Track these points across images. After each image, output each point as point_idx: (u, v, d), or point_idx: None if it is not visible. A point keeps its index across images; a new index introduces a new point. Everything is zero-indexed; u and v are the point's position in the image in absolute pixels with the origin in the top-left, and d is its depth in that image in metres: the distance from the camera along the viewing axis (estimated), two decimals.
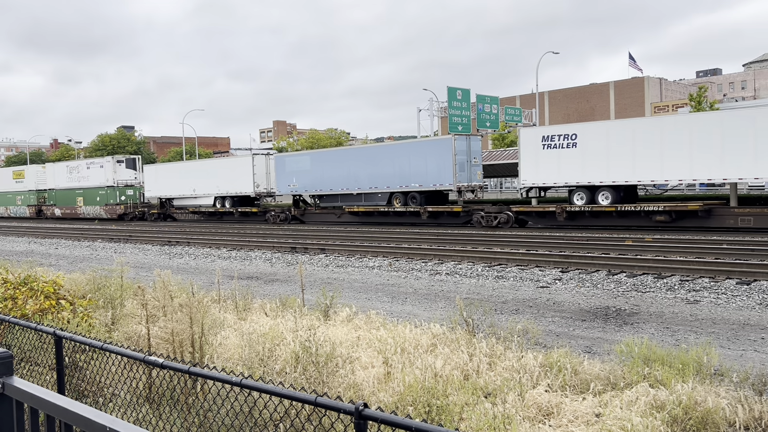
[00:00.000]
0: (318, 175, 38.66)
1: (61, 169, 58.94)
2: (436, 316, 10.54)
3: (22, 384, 2.65)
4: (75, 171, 56.84)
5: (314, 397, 2.80)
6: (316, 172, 38.84)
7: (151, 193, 51.03)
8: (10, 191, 65.57)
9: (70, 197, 57.00)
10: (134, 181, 53.64)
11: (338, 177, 37.47)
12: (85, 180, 55.36)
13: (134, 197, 53.03)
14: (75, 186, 56.44)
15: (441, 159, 32.88)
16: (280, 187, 41.36)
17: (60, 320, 8.00)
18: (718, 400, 5.68)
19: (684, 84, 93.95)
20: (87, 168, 55.27)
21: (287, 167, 40.86)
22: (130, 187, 53.45)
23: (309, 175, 39.34)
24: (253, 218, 44.31)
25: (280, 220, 40.70)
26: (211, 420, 4.85)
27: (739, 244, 19.19)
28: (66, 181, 57.55)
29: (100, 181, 53.64)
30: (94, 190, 54.23)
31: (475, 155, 33.77)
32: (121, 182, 53.13)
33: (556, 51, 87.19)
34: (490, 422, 5.33)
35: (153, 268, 18.35)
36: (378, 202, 35.85)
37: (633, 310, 11.38)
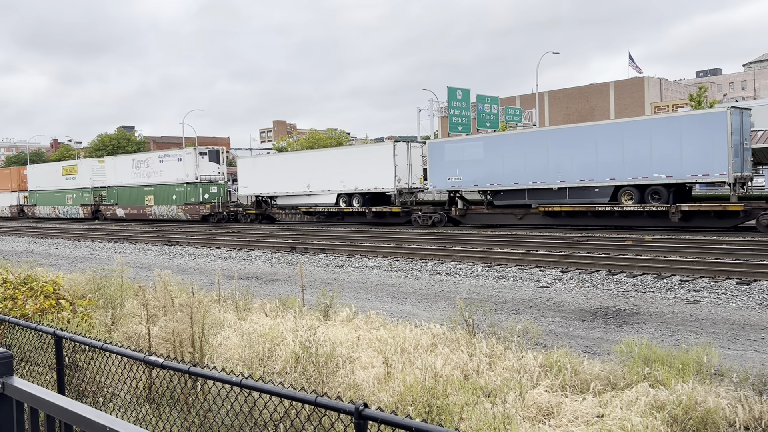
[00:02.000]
0: (495, 165, 30.53)
1: (125, 163, 50.66)
2: (436, 316, 10.54)
3: (22, 384, 2.65)
4: (143, 165, 48.52)
5: (314, 397, 2.80)
6: (492, 161, 30.68)
7: (246, 190, 42.85)
8: (59, 189, 57.41)
9: (136, 195, 48.89)
10: (218, 176, 45.48)
11: (528, 167, 29.32)
12: (156, 175, 47.06)
13: (218, 195, 44.79)
14: (143, 182, 48.19)
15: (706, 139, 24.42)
16: (436, 180, 33.21)
17: (60, 320, 8.00)
18: (718, 400, 5.68)
19: (684, 84, 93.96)
20: (159, 161, 47.02)
21: (447, 156, 32.65)
22: (214, 183, 45.01)
23: (480, 166, 31.12)
24: (391, 219, 36.24)
25: (433, 222, 32.93)
26: (211, 420, 4.85)
27: (739, 244, 19.18)
28: (131, 176, 49.32)
29: (177, 177, 45.31)
30: (168, 187, 46.00)
31: (746, 136, 25.49)
32: (204, 178, 44.63)
33: (556, 51, 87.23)
34: (490, 422, 5.33)
35: (153, 268, 18.36)
36: (594, 199, 27.70)
37: (633, 310, 11.37)
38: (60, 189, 57.15)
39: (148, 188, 47.87)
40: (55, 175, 57.94)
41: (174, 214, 45.77)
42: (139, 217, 48.64)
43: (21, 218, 61.99)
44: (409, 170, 35.36)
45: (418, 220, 33.67)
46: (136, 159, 49.77)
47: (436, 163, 33.21)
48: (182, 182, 44.95)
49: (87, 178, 53.81)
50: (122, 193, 50.38)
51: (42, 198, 59.48)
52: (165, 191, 46.46)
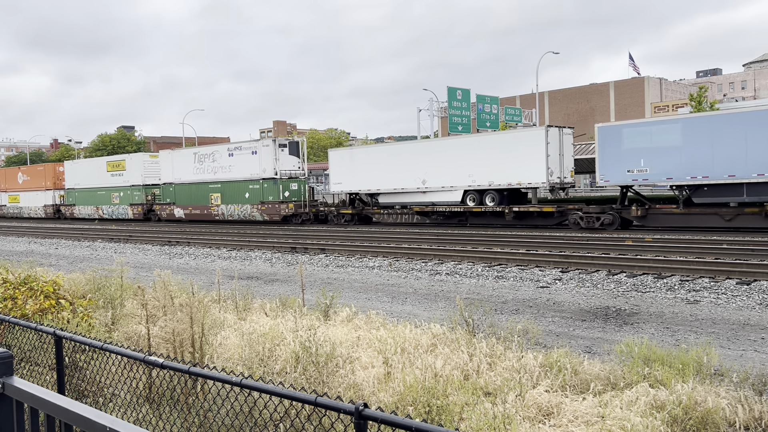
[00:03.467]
0: (699, 153, 24.52)
1: (185, 157, 44.57)
2: (436, 316, 10.54)
3: (22, 384, 2.65)
4: (208, 159, 42.65)
5: (314, 397, 2.80)
6: (695, 147, 24.61)
7: (340, 187, 37.42)
8: (103, 187, 51.44)
9: (198, 193, 42.99)
10: (298, 171, 39.69)
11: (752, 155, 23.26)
12: (224, 171, 41.40)
13: (299, 192, 39.16)
14: (208, 179, 42.41)
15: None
16: (609, 172, 27.06)
17: (60, 320, 8.00)
18: (718, 400, 5.68)
19: (684, 84, 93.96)
20: (229, 155, 41.21)
21: (626, 142, 26.51)
22: (294, 179, 39.19)
23: (677, 154, 25.08)
24: (538, 221, 29.97)
25: (602, 224, 26.96)
26: (211, 420, 4.85)
27: (739, 244, 19.18)
28: (192, 172, 43.50)
29: (251, 172, 39.50)
30: (240, 183, 40.18)
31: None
32: (284, 173, 38.70)
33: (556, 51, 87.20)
34: (490, 422, 5.33)
35: (153, 268, 18.36)
36: None
37: (633, 310, 11.37)
38: (104, 187, 51.21)
39: (213, 185, 41.99)
40: (98, 171, 52.05)
41: (247, 214, 39.98)
42: (202, 217, 42.90)
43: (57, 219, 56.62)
44: (561, 161, 29.22)
45: (579, 221, 27.67)
46: (199, 153, 43.80)
47: (609, 151, 26.87)
48: (257, 178, 39.14)
49: (137, 175, 48.12)
50: (181, 190, 44.47)
51: (82, 197, 53.93)
52: (235, 189, 40.55)
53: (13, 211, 63.95)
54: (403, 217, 36.64)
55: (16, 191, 63.13)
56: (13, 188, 63.69)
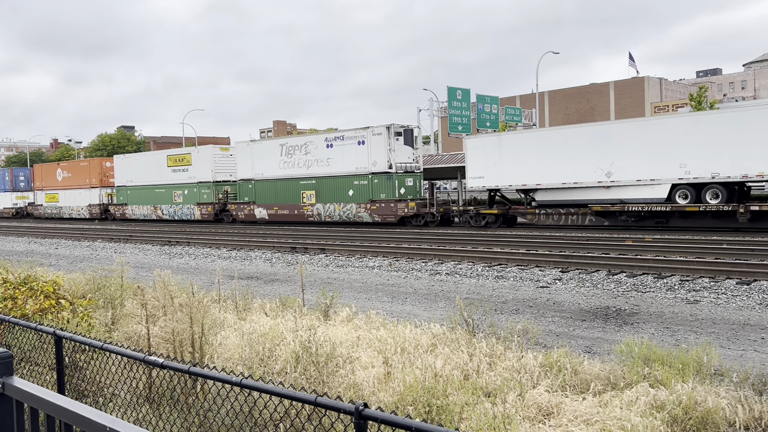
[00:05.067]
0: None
1: (269, 150, 39.20)
2: (436, 316, 10.54)
3: (22, 384, 2.65)
4: (298, 151, 37.42)
5: (314, 397, 2.80)
6: None
7: (482, 182, 31.18)
8: (162, 184, 46.34)
9: (286, 191, 37.84)
10: (413, 164, 34.42)
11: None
12: (321, 164, 36.09)
13: (415, 189, 34.03)
14: (299, 174, 37.22)
15: None
16: None
17: (60, 320, 8.00)
18: (718, 400, 5.68)
19: (684, 84, 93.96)
20: (327, 146, 35.80)
21: None
22: (410, 174, 33.91)
23: None
24: None
25: None
26: (211, 420, 4.85)
27: (739, 244, 19.18)
28: (278, 166, 38.24)
29: (357, 165, 34.26)
30: (342, 179, 34.97)
31: None
32: (400, 166, 33.31)
33: (556, 51, 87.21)
34: (490, 422, 5.33)
35: (153, 268, 18.36)
36: None
37: (633, 310, 11.37)
38: (164, 184, 46.07)
39: (306, 181, 36.79)
40: (156, 166, 46.88)
41: (351, 214, 34.61)
42: (291, 218, 37.68)
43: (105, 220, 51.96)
44: None
45: None
46: (287, 144, 38.39)
47: None
48: (366, 173, 33.80)
49: (206, 170, 43.05)
50: (263, 188, 39.11)
51: (136, 195, 48.95)
52: (335, 185, 35.28)
53: (51, 212, 58.72)
54: (569, 218, 29.18)
55: (55, 189, 58.09)
56: (51, 186, 58.58)
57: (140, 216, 48.84)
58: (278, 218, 38.58)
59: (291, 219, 37.89)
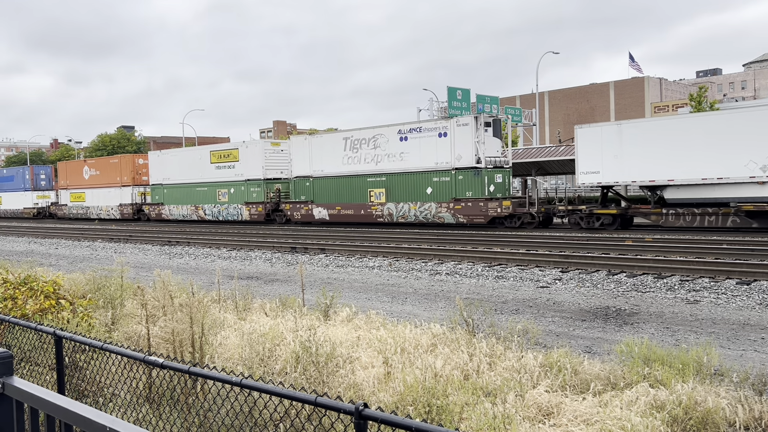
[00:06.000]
0: None
1: (329, 144, 36.04)
2: (436, 316, 10.54)
3: (22, 384, 2.65)
4: (365, 145, 34.00)
5: (314, 397, 2.80)
6: None
7: (597, 178, 27.14)
8: (205, 182, 42.89)
9: (351, 189, 34.69)
10: (502, 158, 31.07)
11: None
12: (392, 159, 32.79)
13: (504, 187, 30.57)
14: (366, 170, 33.96)
15: None
16: None
17: (60, 320, 8.00)
18: (718, 400, 5.69)
19: (684, 84, 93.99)
20: (400, 139, 32.40)
21: None
22: (499, 169, 30.54)
23: None
24: None
25: None
26: (211, 420, 4.85)
27: (739, 244, 19.18)
28: (342, 162, 35.12)
29: (438, 160, 31.01)
30: (419, 175, 31.73)
31: None
32: (489, 161, 30.01)
33: (556, 51, 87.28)
34: (490, 422, 5.33)
35: (153, 268, 18.36)
36: None
37: (633, 310, 11.37)
38: (206, 182, 42.60)
39: (375, 178, 33.48)
40: (198, 163, 43.36)
41: (430, 214, 31.42)
42: (357, 219, 34.46)
43: (137, 221, 48.46)
44: None
45: None
46: (352, 138, 34.86)
47: None
48: (448, 168, 30.56)
49: (255, 167, 39.63)
50: (323, 185, 36.01)
51: (174, 194, 45.31)
52: (410, 182, 32.14)
53: (77, 212, 54.82)
54: (705, 219, 25.01)
55: (81, 188, 54.27)
56: (77, 184, 54.75)
57: (178, 216, 45.15)
58: (341, 219, 35.38)
59: (356, 220, 34.69)
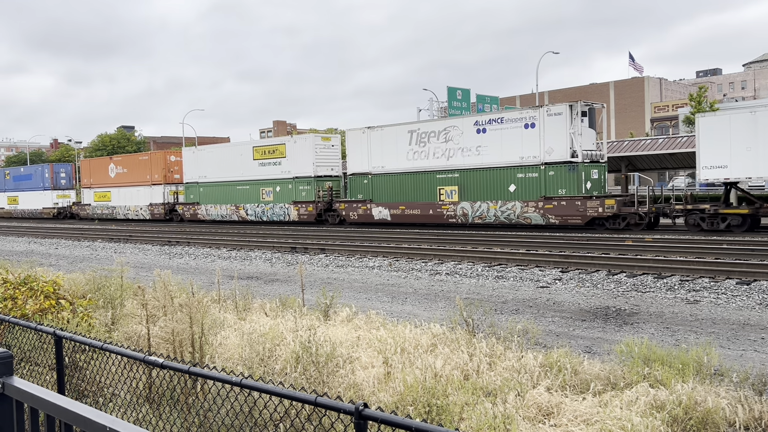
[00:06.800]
0: None
1: (392, 137, 32.86)
2: (436, 316, 10.54)
3: (22, 384, 2.65)
4: (436, 138, 31.07)
5: (314, 397, 2.80)
6: None
7: (725, 173, 23.43)
8: (247, 180, 40.11)
9: (417, 186, 31.87)
10: (597, 152, 27.90)
11: None
12: (467, 153, 29.82)
13: (600, 183, 27.83)
14: (436, 165, 31.09)
15: None
16: None
17: (60, 320, 8.00)
18: (718, 400, 5.69)
19: (684, 84, 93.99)
20: (478, 131, 29.37)
21: None
22: (595, 164, 27.59)
23: None
24: None
25: None
26: (211, 420, 4.85)
27: (739, 244, 19.18)
28: (406, 157, 32.20)
29: (523, 154, 27.94)
30: (500, 171, 28.82)
31: None
32: (585, 154, 26.99)
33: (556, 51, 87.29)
34: (490, 422, 5.33)
35: (153, 268, 18.36)
36: None
37: (633, 310, 11.38)
38: (249, 180, 39.83)
39: (446, 174, 30.72)
40: (238, 159, 40.56)
41: (514, 215, 28.34)
42: (426, 219, 31.70)
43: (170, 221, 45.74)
44: None
45: None
46: (419, 130, 31.87)
47: None
48: (536, 163, 27.63)
49: (305, 163, 36.70)
50: (384, 183, 33.20)
51: (212, 193, 42.49)
52: (489, 179, 29.22)
53: (102, 212, 51.74)
54: None
55: (106, 187, 51.34)
56: (102, 183, 51.78)
57: (216, 216, 42.24)
58: (405, 219, 32.50)
59: (423, 221, 31.95)
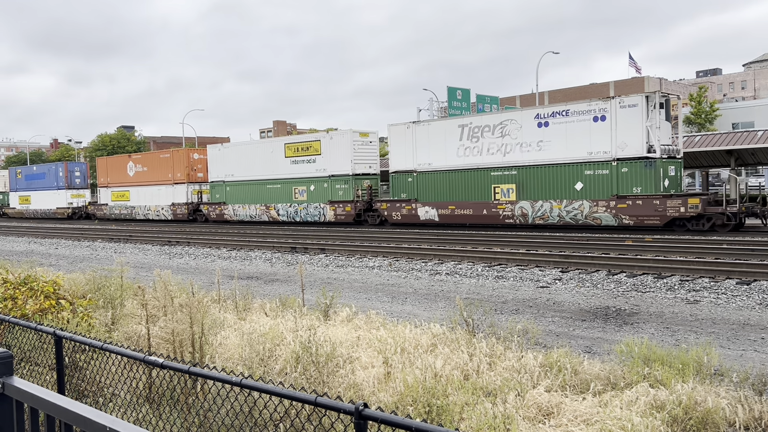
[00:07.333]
0: None
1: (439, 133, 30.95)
2: (436, 316, 10.54)
3: (22, 384, 2.65)
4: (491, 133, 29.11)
5: (314, 397, 2.80)
6: None
7: None
8: (278, 178, 38.21)
9: (468, 185, 29.82)
10: (673, 147, 25.91)
11: None
12: (527, 150, 27.89)
13: (676, 181, 25.81)
14: (490, 162, 29.08)
15: None
16: None
17: (60, 320, 8.00)
18: (718, 400, 5.68)
19: (684, 84, 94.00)
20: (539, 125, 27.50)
21: None
22: (672, 160, 25.66)
23: None
24: None
25: None
26: (211, 420, 4.85)
27: (739, 244, 19.18)
28: (456, 153, 30.17)
29: (592, 149, 25.99)
30: (563, 168, 26.83)
31: None
32: (663, 149, 24.96)
33: (556, 51, 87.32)
34: (490, 422, 5.33)
35: (153, 268, 18.36)
36: None
37: (633, 310, 11.37)
38: (280, 178, 37.93)
39: (501, 172, 28.82)
40: (268, 157, 38.61)
41: (582, 215, 26.33)
42: (479, 220, 29.69)
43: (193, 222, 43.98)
44: None
45: None
46: (470, 125, 29.80)
47: None
48: (607, 159, 25.58)
49: (342, 161, 34.83)
50: (430, 181, 31.28)
51: (239, 193, 40.74)
52: (552, 176, 27.22)
53: (121, 212, 49.95)
54: None
55: (125, 186, 49.68)
56: (120, 182, 50.07)
57: (245, 217, 40.51)
58: (455, 220, 30.67)
59: (476, 221, 30.02)
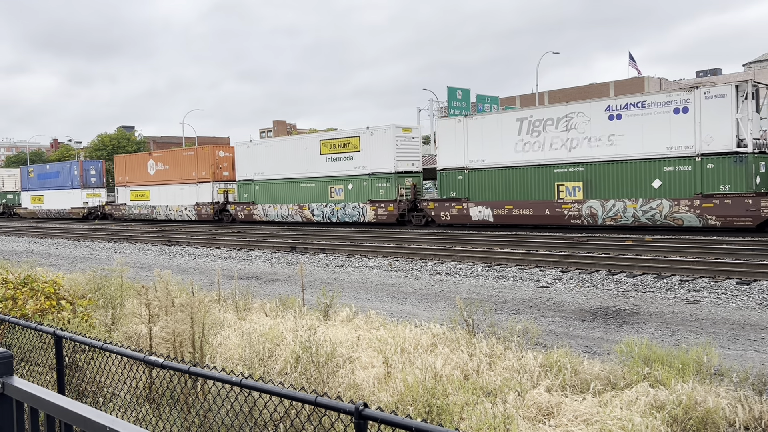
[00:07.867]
0: None
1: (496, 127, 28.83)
2: (436, 316, 10.54)
3: (22, 384, 2.65)
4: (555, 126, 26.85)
5: (314, 397, 2.80)
6: None
7: None
8: (314, 177, 36.20)
9: (528, 182, 27.76)
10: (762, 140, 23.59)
11: None
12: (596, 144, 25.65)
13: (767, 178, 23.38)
14: (553, 158, 26.90)
15: None
16: None
17: (60, 320, 8.00)
18: (718, 400, 5.68)
19: (684, 84, 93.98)
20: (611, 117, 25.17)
21: None
22: (763, 155, 23.21)
23: None
24: None
25: None
26: (211, 420, 4.85)
27: (739, 244, 19.18)
28: (514, 149, 28.04)
29: (671, 144, 23.75)
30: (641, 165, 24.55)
31: None
32: (756, 143, 22.68)
33: (556, 51, 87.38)
34: (490, 422, 5.33)
35: (153, 268, 18.36)
36: None
37: (633, 310, 11.37)
38: (315, 177, 35.99)
39: (566, 169, 26.54)
40: (302, 155, 36.57)
41: (660, 215, 24.14)
42: (540, 220, 27.64)
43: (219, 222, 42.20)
44: None
45: None
46: (530, 118, 27.56)
47: None
48: (689, 154, 23.29)
49: (384, 158, 32.81)
50: (483, 179, 29.18)
51: (269, 192, 38.57)
52: (626, 173, 24.97)
53: (140, 212, 47.86)
54: None
55: (145, 185, 47.71)
56: (140, 181, 48.21)
57: (276, 217, 38.22)
58: (513, 220, 28.46)
59: (537, 222, 27.78)
